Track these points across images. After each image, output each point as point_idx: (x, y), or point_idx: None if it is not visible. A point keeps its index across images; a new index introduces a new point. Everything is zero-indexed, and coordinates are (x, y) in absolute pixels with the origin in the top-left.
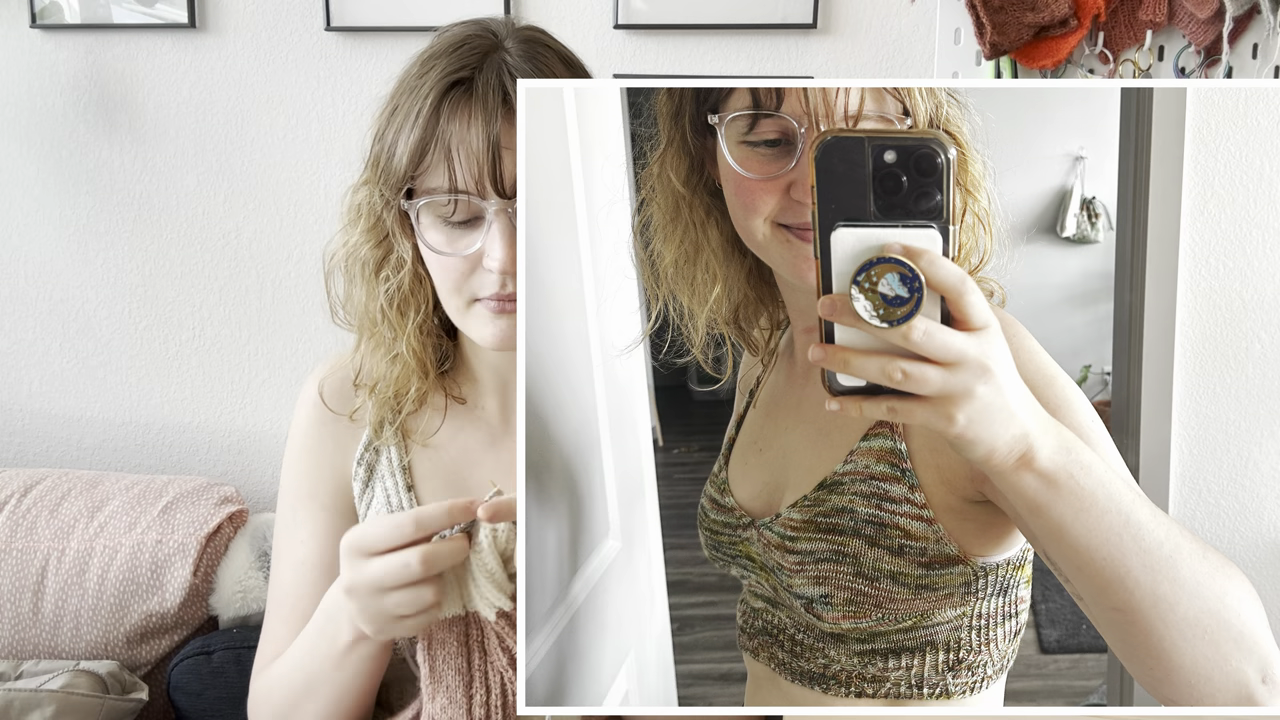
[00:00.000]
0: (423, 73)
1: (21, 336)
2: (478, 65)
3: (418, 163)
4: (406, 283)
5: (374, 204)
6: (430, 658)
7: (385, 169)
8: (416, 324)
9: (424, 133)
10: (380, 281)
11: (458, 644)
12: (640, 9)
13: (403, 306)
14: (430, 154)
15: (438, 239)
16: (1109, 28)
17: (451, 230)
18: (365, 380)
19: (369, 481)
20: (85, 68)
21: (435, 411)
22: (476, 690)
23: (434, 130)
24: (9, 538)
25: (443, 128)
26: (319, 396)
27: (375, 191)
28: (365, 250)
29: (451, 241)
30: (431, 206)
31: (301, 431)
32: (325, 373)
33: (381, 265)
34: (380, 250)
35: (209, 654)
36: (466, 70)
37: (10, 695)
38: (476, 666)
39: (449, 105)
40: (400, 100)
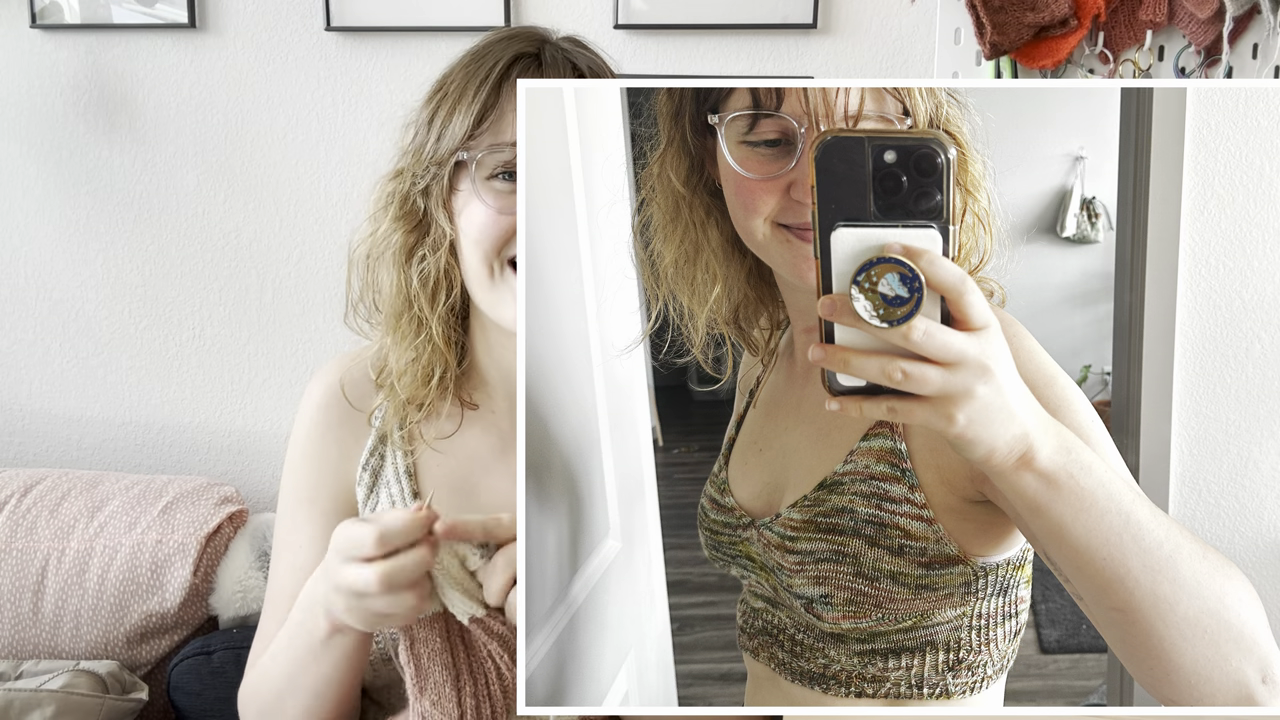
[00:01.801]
0: (477, 59)
1: (21, 336)
2: (540, 45)
3: (479, 123)
4: (441, 264)
5: (409, 189)
6: (414, 656)
7: (434, 145)
8: (446, 307)
9: (488, 98)
10: (415, 263)
11: (441, 640)
12: (640, 9)
13: (434, 290)
14: (493, 114)
15: (492, 197)
16: (1109, 28)
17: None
18: (385, 379)
19: (374, 486)
20: (85, 68)
21: (448, 418)
22: (464, 683)
23: (498, 94)
24: (9, 538)
25: (508, 90)
26: (339, 390)
27: (412, 175)
28: (398, 237)
29: (501, 198)
30: (488, 163)
31: (304, 434)
32: (346, 366)
33: (415, 249)
34: (414, 235)
35: (209, 654)
36: (531, 47)
37: (10, 695)
38: (462, 660)
39: (518, 71)
40: (451, 87)
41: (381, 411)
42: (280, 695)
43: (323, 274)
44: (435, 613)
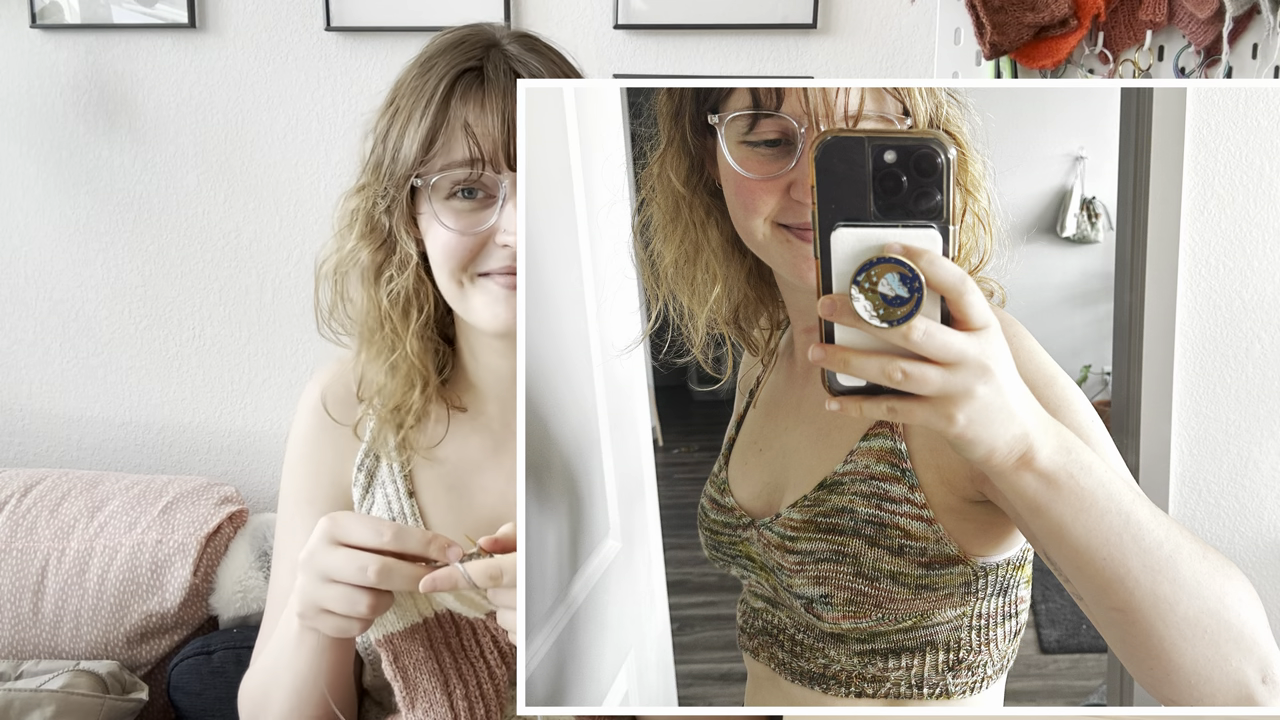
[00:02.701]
0: (424, 72)
1: (21, 336)
2: (483, 55)
3: (428, 147)
4: (410, 283)
5: (372, 207)
6: (400, 669)
7: (390, 165)
8: (418, 326)
9: (435, 119)
10: (382, 284)
11: (424, 649)
12: (640, 9)
13: (405, 308)
14: (441, 136)
15: (451, 219)
16: (1109, 28)
17: (465, 208)
18: (365, 393)
19: (369, 488)
20: (85, 68)
21: (437, 423)
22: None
23: (445, 115)
24: (9, 538)
25: (454, 111)
26: (321, 405)
27: (374, 193)
28: (365, 255)
29: (463, 219)
30: (446, 182)
31: (301, 437)
32: (327, 380)
33: (383, 268)
34: (381, 253)
35: (209, 654)
36: (474, 60)
37: (10, 695)
38: (450, 665)
39: (460, 90)
40: (402, 101)
41: (370, 424)
42: (266, 692)
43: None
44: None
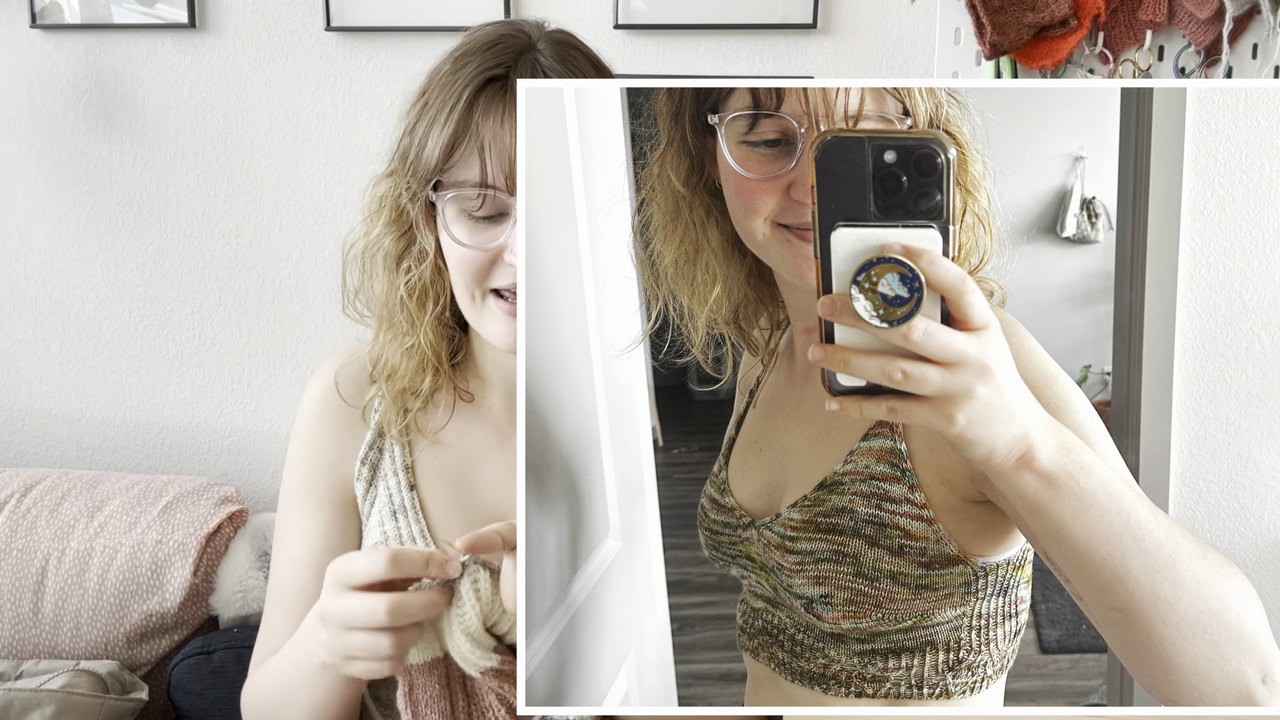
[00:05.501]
0: (456, 69)
1: (21, 336)
2: (512, 63)
3: (448, 156)
4: (427, 275)
5: (399, 197)
6: (412, 702)
7: (414, 162)
8: (434, 316)
9: (457, 128)
10: (401, 273)
11: (440, 687)
12: (640, 9)
13: (422, 298)
14: (461, 148)
15: (462, 232)
16: (1109, 28)
17: (476, 224)
18: (380, 373)
19: (373, 480)
20: (85, 68)
21: (444, 408)
22: None
23: (467, 125)
24: (9, 538)
25: (476, 123)
26: (333, 386)
27: (401, 184)
28: (388, 242)
29: (475, 234)
30: (459, 200)
31: (304, 428)
32: (341, 362)
33: (403, 257)
34: (402, 242)
35: (209, 654)
36: (501, 68)
37: (10, 695)
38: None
39: (484, 101)
40: (432, 96)
41: (379, 404)
42: (278, 708)
43: (322, 274)
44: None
